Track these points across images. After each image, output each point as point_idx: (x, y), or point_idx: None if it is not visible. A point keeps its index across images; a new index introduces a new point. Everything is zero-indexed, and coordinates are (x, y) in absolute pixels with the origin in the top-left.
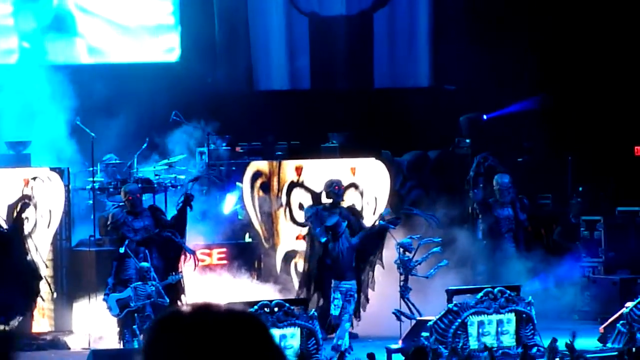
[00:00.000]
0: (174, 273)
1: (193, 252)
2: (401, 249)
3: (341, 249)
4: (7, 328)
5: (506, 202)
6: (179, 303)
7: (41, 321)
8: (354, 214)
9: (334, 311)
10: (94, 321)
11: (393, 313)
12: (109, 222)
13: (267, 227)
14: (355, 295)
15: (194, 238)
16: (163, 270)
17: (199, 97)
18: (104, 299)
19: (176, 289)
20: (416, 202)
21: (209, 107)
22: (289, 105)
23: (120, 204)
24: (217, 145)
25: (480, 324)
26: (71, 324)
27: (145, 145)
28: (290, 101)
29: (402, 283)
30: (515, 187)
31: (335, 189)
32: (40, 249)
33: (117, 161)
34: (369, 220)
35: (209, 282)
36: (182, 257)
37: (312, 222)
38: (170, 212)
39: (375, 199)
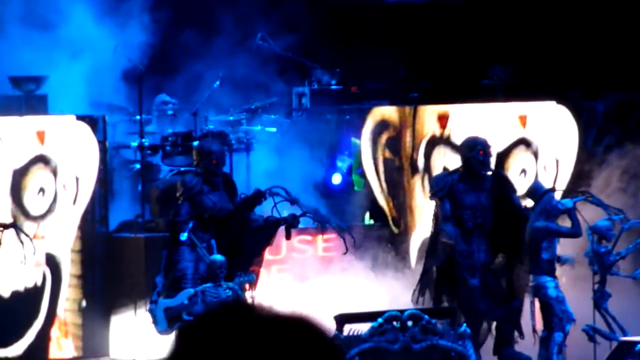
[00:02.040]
0: (241, 273)
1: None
2: (595, 236)
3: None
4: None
5: None
6: None
7: (62, 343)
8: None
9: None
10: (142, 341)
11: (584, 330)
12: (179, 193)
13: (398, 203)
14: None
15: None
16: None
17: (295, 14)
18: (150, 309)
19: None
20: (617, 165)
21: (312, 28)
22: (429, 25)
23: (188, 169)
24: (323, 82)
25: None
26: (108, 347)
27: (217, 83)
28: (432, 19)
29: (596, 286)
30: None
31: (480, 154)
32: (61, 237)
33: (176, 106)
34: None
35: (311, 281)
36: (263, 251)
37: (440, 200)
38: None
39: (557, 161)
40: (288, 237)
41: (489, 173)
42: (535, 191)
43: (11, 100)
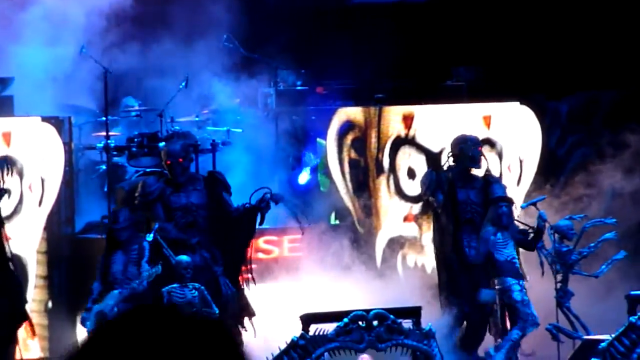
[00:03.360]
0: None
1: None
2: (556, 235)
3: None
4: None
5: None
6: (241, 320)
7: (29, 344)
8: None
9: None
10: None
11: (547, 329)
12: (137, 194)
13: (363, 202)
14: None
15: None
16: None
17: (260, 14)
18: (82, 317)
19: (236, 297)
20: (581, 166)
21: (277, 29)
22: (395, 25)
23: (153, 170)
24: (288, 83)
25: None
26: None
27: (183, 84)
28: (398, 20)
29: (558, 285)
30: None
31: (470, 151)
32: (27, 238)
33: (142, 107)
34: (511, 192)
35: (278, 282)
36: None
37: (433, 195)
38: None
39: (521, 161)
40: (261, 222)
41: (479, 173)
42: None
43: None
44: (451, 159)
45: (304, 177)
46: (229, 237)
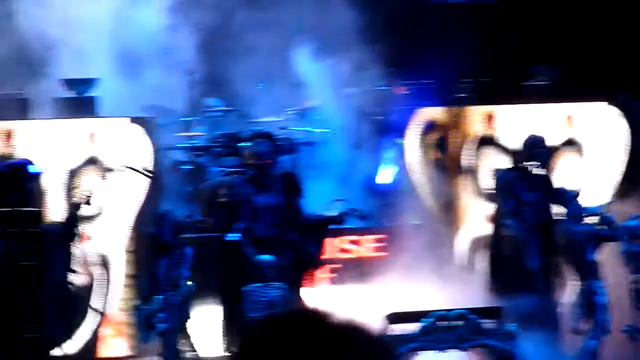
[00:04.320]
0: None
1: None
2: (627, 236)
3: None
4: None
5: None
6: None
7: (116, 342)
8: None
9: None
10: (196, 340)
11: (624, 331)
12: (223, 194)
13: (444, 202)
14: None
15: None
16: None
17: (342, 12)
18: (135, 315)
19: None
20: None
21: (359, 28)
22: (477, 24)
23: (236, 170)
24: (370, 84)
25: None
26: (159, 346)
27: (262, 84)
28: (480, 18)
29: (634, 285)
30: None
31: (540, 153)
32: (114, 237)
33: (225, 107)
34: (589, 195)
35: (359, 282)
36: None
37: (502, 196)
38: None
39: (604, 163)
40: (334, 235)
41: (540, 172)
42: (563, 194)
43: (63, 102)
44: (521, 159)
45: (384, 177)
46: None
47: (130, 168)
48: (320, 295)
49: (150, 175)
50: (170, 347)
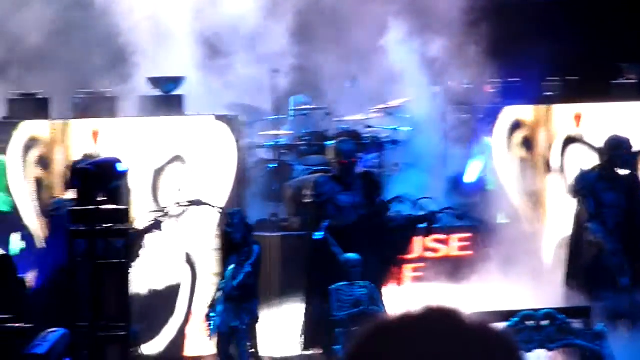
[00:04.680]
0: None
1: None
2: None
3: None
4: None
5: None
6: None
7: (202, 341)
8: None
9: None
10: (278, 338)
11: None
12: (309, 194)
13: (532, 201)
14: None
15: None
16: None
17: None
18: (208, 316)
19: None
20: None
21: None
22: (564, 22)
23: (321, 168)
24: (456, 82)
25: None
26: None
27: (351, 82)
28: (567, 16)
29: None
30: None
31: (624, 154)
32: (201, 235)
33: (311, 106)
34: None
35: (445, 281)
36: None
37: (583, 198)
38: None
39: None
40: (428, 234)
41: (624, 174)
42: None
43: (150, 100)
44: (602, 159)
45: (471, 176)
46: (382, 239)
47: (196, 203)
48: (406, 294)
49: (219, 209)
50: (226, 346)
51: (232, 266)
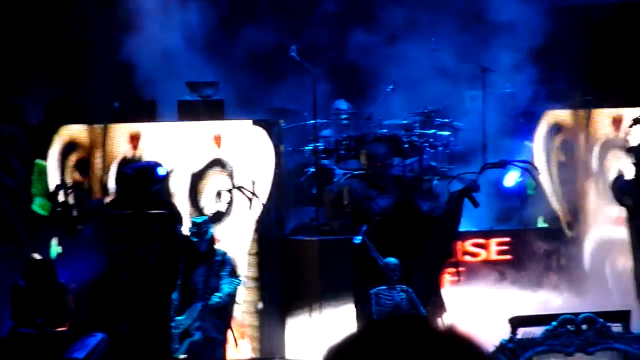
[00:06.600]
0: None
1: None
2: None
3: None
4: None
5: None
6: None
7: (240, 344)
8: None
9: None
10: (317, 343)
11: None
12: (346, 201)
13: (571, 205)
14: None
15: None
16: None
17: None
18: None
19: (434, 300)
20: None
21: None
22: (605, 27)
23: (357, 172)
24: (497, 85)
25: None
26: (283, 348)
27: (391, 87)
28: (609, 20)
29: None
30: None
31: None
32: (238, 240)
33: (352, 110)
34: None
35: (485, 284)
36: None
37: (619, 200)
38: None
39: None
40: (475, 205)
41: None
42: None
43: (189, 105)
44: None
45: (511, 180)
46: (424, 239)
47: (239, 189)
48: (447, 297)
49: (257, 196)
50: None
51: (206, 277)
